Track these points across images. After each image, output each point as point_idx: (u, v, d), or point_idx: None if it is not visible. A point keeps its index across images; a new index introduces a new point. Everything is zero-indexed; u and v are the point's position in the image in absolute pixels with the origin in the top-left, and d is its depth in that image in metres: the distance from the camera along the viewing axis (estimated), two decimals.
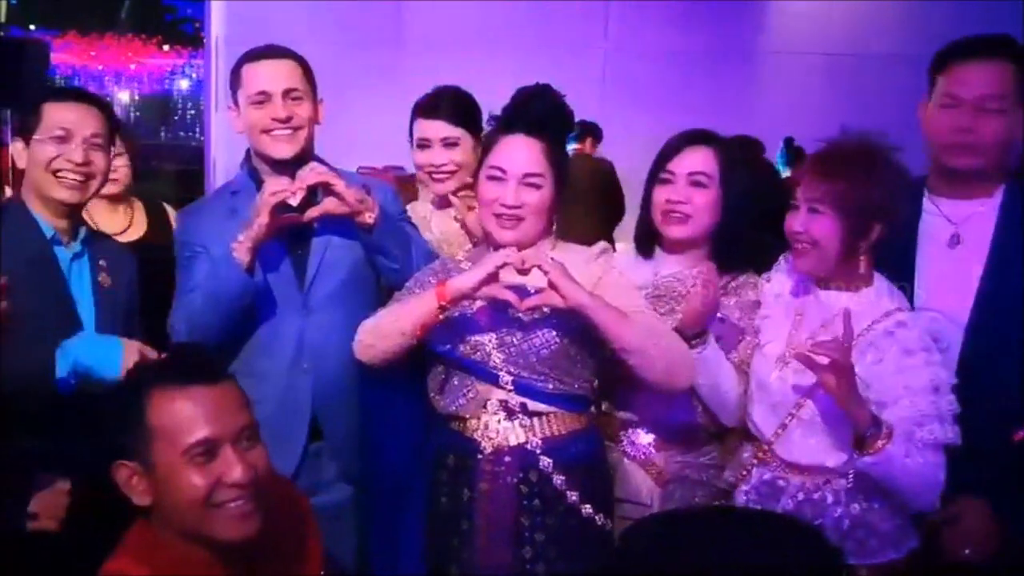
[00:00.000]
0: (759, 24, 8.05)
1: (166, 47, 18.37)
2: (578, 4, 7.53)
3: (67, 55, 17.06)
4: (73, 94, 2.30)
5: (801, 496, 2.07)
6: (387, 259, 2.37)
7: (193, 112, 18.08)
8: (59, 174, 2.20)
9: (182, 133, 18.19)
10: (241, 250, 2.27)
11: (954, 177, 2.26)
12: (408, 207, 2.71)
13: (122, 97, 18.35)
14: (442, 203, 2.72)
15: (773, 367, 2.13)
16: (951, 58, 2.24)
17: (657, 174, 2.32)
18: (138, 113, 19.20)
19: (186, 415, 1.52)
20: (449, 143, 2.64)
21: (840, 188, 2.03)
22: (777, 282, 2.25)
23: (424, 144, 2.69)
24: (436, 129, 2.66)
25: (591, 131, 7.06)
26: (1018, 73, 2.19)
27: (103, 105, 2.30)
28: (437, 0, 7.31)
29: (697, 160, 2.28)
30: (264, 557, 1.62)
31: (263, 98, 2.37)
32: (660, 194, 2.30)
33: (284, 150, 2.39)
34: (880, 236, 2.08)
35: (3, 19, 14.43)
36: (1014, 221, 2.22)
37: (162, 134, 17.88)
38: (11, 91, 7.22)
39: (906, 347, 2.02)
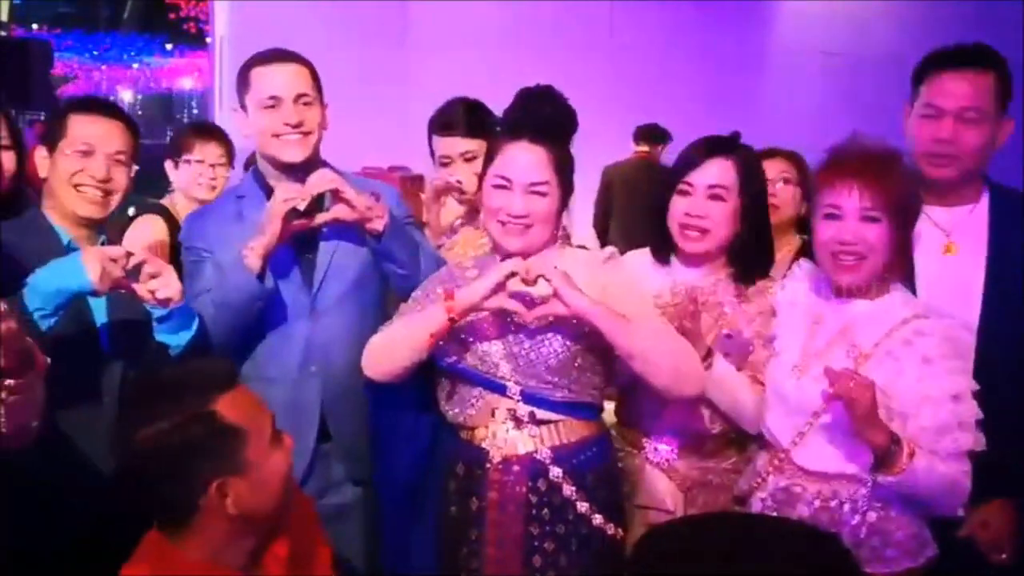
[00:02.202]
0: (765, 24, 8.03)
1: (169, 46, 18.40)
2: (583, 3, 7.51)
3: (70, 54, 17.07)
4: (100, 107, 2.28)
5: (818, 503, 2.05)
6: (396, 265, 2.35)
7: (196, 111, 18.12)
8: (80, 188, 2.19)
9: None
10: (252, 257, 2.26)
11: (939, 186, 2.28)
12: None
13: (125, 96, 18.39)
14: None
15: (790, 375, 2.10)
16: (933, 68, 2.27)
17: (675, 184, 2.29)
18: (140, 112, 19.21)
19: (256, 404, 1.64)
20: (468, 157, 2.65)
21: (895, 193, 2.01)
22: (791, 290, 2.23)
23: (445, 162, 2.71)
24: (454, 145, 2.68)
25: (661, 136, 6.79)
26: (997, 83, 2.23)
27: (128, 121, 2.29)
28: (443, 0, 7.29)
29: (716, 173, 2.25)
30: (275, 561, 1.65)
31: (274, 102, 2.35)
32: (678, 206, 2.28)
33: (294, 154, 2.38)
34: None
35: (6, 18, 14.47)
36: (1005, 224, 2.26)
37: (167, 134, 17.91)
38: (16, 90, 7.26)
39: (925, 355, 1.99)
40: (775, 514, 2.06)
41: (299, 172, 2.37)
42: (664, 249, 2.35)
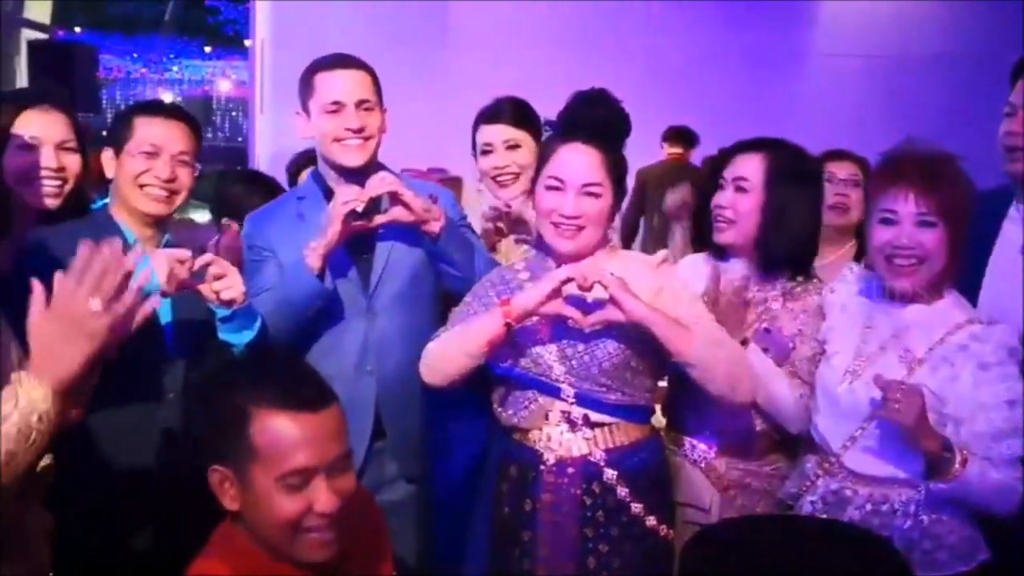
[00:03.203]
0: (802, 26, 7.98)
1: (208, 49, 18.58)
2: (620, 4, 7.49)
3: (111, 56, 17.27)
4: (164, 110, 2.35)
5: (869, 507, 2.05)
6: (451, 267, 2.39)
7: (234, 113, 18.28)
8: (145, 188, 2.25)
9: (222, 134, 18.38)
10: (313, 257, 2.31)
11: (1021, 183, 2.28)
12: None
13: (165, 98, 18.56)
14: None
15: (841, 379, 2.11)
16: (1016, 73, 2.34)
17: (715, 180, 2.35)
18: None
19: (289, 441, 1.50)
20: (511, 145, 2.70)
21: (951, 198, 2.01)
22: (843, 293, 2.24)
23: (487, 149, 2.75)
24: (498, 133, 2.72)
25: (693, 137, 6.77)
26: None
27: (191, 122, 2.35)
28: (482, 1, 7.31)
29: (741, 165, 2.30)
30: (343, 560, 1.63)
31: (337, 107, 2.41)
32: (715, 200, 2.34)
33: (355, 159, 2.43)
34: None
35: (49, 21, 14.67)
36: None
37: (207, 135, 18.06)
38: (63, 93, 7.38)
39: (981, 361, 2.00)
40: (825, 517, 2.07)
41: (359, 175, 2.42)
42: (707, 244, 2.39)
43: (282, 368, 1.64)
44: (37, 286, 1.44)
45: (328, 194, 2.45)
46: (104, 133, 2.44)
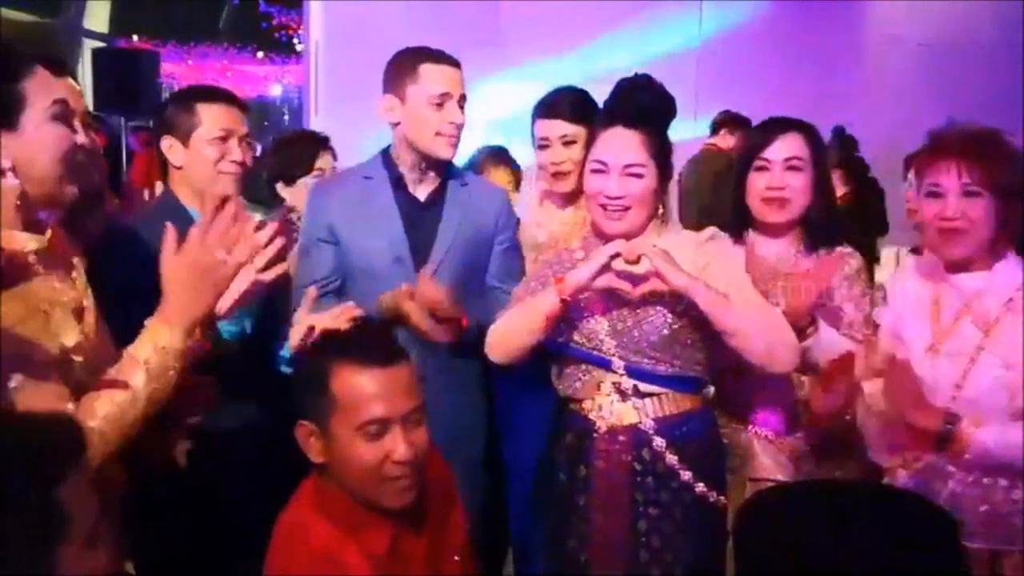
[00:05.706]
0: (860, 15, 7.96)
1: (261, 55, 18.82)
2: (672, 2, 7.53)
3: (167, 64, 17.59)
4: (225, 96, 2.41)
5: (970, 478, 2.04)
6: None
7: (288, 117, 18.54)
8: (223, 172, 2.35)
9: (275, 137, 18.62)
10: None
11: None
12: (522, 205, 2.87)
13: None
14: (561, 202, 2.80)
15: (923, 358, 2.10)
16: None
17: (751, 162, 2.42)
18: None
19: (365, 393, 1.64)
20: (567, 141, 2.69)
21: (996, 168, 2.02)
22: (904, 276, 2.27)
23: (544, 144, 2.75)
24: (554, 128, 2.72)
25: (729, 123, 6.60)
26: None
27: (245, 107, 2.44)
28: (534, 1, 7.38)
29: (791, 146, 2.40)
30: (420, 518, 1.76)
31: (444, 99, 2.48)
32: (757, 181, 2.41)
33: (450, 153, 2.54)
34: None
35: (107, 30, 15.03)
36: None
37: (260, 139, 18.29)
38: (126, 98, 7.59)
39: None
40: (924, 491, 2.05)
41: (435, 165, 2.55)
42: (741, 225, 2.47)
43: (359, 328, 1.80)
44: (169, 234, 1.63)
45: (396, 178, 2.55)
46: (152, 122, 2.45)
